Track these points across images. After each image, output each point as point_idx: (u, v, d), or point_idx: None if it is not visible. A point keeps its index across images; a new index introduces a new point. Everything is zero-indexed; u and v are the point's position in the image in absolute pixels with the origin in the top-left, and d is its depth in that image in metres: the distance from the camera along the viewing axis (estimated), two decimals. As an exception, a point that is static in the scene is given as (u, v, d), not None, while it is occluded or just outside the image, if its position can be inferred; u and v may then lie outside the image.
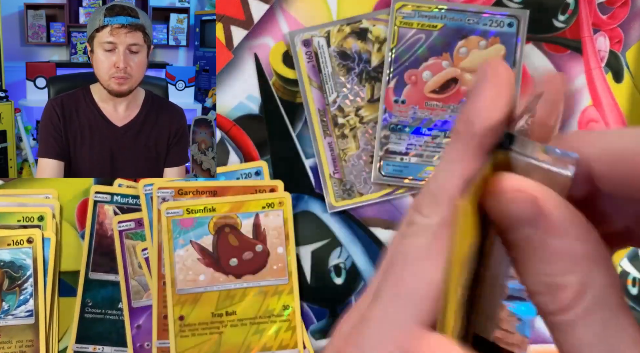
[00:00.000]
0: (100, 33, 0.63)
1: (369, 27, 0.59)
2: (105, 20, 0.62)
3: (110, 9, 0.63)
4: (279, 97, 0.59)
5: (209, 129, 0.69)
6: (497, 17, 0.58)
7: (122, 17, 0.62)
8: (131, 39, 0.63)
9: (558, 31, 0.60)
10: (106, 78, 0.64)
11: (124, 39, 0.63)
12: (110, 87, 0.64)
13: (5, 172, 0.74)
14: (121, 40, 0.63)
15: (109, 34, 0.62)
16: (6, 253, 0.56)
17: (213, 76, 0.95)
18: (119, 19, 0.62)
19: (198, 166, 0.67)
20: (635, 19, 0.60)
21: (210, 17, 0.95)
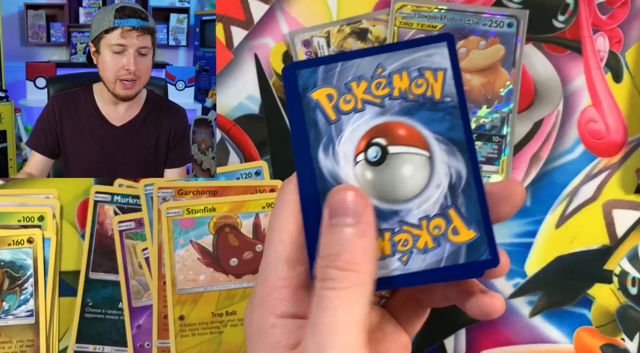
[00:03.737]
0: (109, 34, 0.62)
1: (369, 28, 0.59)
2: (116, 22, 0.61)
3: (120, 10, 0.62)
4: (279, 98, 0.59)
5: (209, 129, 0.69)
6: (496, 17, 0.58)
7: (134, 20, 0.62)
8: (141, 42, 0.62)
9: (558, 31, 0.60)
10: (112, 80, 0.63)
11: (135, 42, 0.62)
12: (115, 90, 0.64)
13: (5, 172, 0.74)
14: (132, 43, 0.62)
15: (120, 36, 0.62)
16: (6, 253, 0.56)
17: (213, 76, 0.95)
18: (131, 21, 0.62)
19: (198, 166, 0.67)
20: (634, 19, 0.60)
21: (210, 17, 0.95)
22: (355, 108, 0.33)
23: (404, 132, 0.32)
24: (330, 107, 0.33)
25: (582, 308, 0.58)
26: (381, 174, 0.32)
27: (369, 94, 0.33)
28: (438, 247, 0.32)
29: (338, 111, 0.33)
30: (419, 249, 0.32)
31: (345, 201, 0.30)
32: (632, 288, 0.58)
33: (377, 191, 0.32)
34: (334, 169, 0.32)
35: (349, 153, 0.32)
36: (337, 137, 0.32)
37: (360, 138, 0.32)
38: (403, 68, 0.33)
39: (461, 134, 0.33)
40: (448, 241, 0.32)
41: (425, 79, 0.33)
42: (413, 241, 0.32)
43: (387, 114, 0.33)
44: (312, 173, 0.32)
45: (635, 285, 0.58)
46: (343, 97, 0.33)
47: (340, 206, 0.30)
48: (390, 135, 0.32)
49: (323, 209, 0.31)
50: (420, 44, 0.33)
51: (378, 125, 0.33)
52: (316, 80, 0.33)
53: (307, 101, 0.33)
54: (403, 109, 0.32)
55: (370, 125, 0.33)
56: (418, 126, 0.33)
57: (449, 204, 0.32)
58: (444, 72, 0.33)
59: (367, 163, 0.32)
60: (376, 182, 0.32)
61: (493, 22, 0.58)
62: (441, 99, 0.32)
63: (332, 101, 0.33)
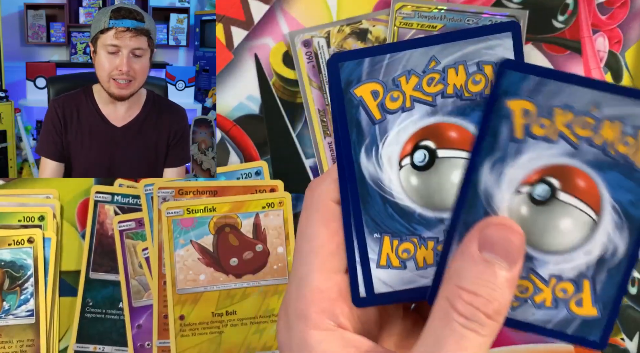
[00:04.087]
0: (104, 35, 0.62)
1: (369, 28, 0.59)
2: (111, 22, 0.62)
3: (116, 11, 0.62)
4: (279, 98, 0.59)
5: (209, 129, 0.69)
6: (496, 17, 0.58)
7: (128, 21, 0.62)
8: (135, 43, 0.62)
9: (557, 32, 0.60)
10: (106, 80, 0.63)
11: (128, 43, 0.62)
12: (110, 90, 0.64)
13: (5, 172, 0.74)
14: (125, 44, 0.62)
15: (114, 37, 0.62)
16: (7, 253, 0.56)
17: (213, 76, 0.95)
18: (125, 22, 0.62)
19: (198, 166, 0.67)
20: (634, 19, 0.60)
21: (210, 17, 0.95)
22: (403, 107, 0.29)
23: (456, 134, 0.29)
24: (375, 105, 0.29)
25: (582, 308, 0.58)
26: (428, 180, 0.30)
27: (419, 91, 0.29)
28: (554, 309, 0.30)
29: (383, 110, 0.29)
30: (535, 303, 0.30)
31: (511, 242, 0.28)
32: (631, 288, 0.58)
33: (423, 200, 0.30)
34: (377, 173, 0.30)
35: (393, 156, 0.30)
36: (381, 139, 0.29)
37: (406, 140, 0.30)
38: (460, 62, 0.29)
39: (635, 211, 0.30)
40: (567, 309, 0.30)
41: (484, 74, 0.29)
42: (532, 293, 0.30)
43: (439, 114, 0.29)
44: (353, 175, 0.30)
45: (635, 285, 0.58)
46: (390, 94, 0.29)
47: (501, 244, 0.28)
48: (440, 138, 0.29)
49: (470, 233, 0.28)
50: (482, 33, 0.29)
51: (427, 126, 0.30)
52: (360, 74, 0.29)
53: (350, 97, 0.29)
54: (457, 108, 0.29)
55: (419, 126, 0.30)
56: (471, 128, 0.29)
57: (588, 275, 0.30)
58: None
59: (412, 168, 0.30)
60: (421, 189, 0.30)
61: (493, 22, 0.58)
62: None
63: (377, 99, 0.29)
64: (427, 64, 0.29)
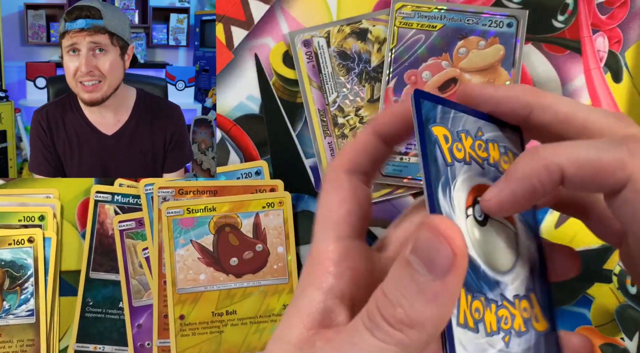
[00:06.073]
0: (63, 39, 0.59)
1: (369, 28, 0.59)
2: (67, 25, 0.58)
3: (69, 12, 0.59)
4: (279, 97, 0.59)
5: (209, 129, 0.69)
6: (496, 17, 0.58)
7: (82, 20, 0.58)
8: (92, 39, 0.58)
9: (557, 31, 0.60)
10: (74, 85, 0.60)
11: (84, 41, 0.58)
12: (80, 95, 0.60)
13: (5, 172, 0.74)
14: (82, 42, 0.58)
15: (70, 38, 0.58)
16: (7, 253, 0.56)
17: (213, 76, 0.95)
18: (78, 22, 0.58)
19: (198, 166, 0.67)
20: (634, 19, 0.60)
21: (210, 17, 0.95)
22: (465, 160, 0.30)
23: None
24: (447, 148, 0.29)
25: (582, 308, 0.58)
26: (485, 236, 0.29)
27: (474, 151, 0.30)
28: (527, 333, 0.29)
29: (452, 156, 0.29)
30: (515, 331, 0.29)
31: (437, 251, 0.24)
32: (631, 287, 0.58)
33: (484, 254, 0.29)
34: (451, 215, 0.28)
35: (461, 202, 0.29)
36: (452, 181, 0.29)
37: (469, 190, 0.30)
38: (495, 140, 0.31)
39: (530, 218, 0.31)
40: (533, 328, 0.29)
41: (509, 158, 0.32)
42: (511, 321, 0.29)
43: (486, 177, 0.30)
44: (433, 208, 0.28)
45: (634, 285, 0.58)
46: (455, 144, 0.30)
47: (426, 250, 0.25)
48: None
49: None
50: (500, 124, 0.32)
51: (484, 184, 0.30)
52: (435, 116, 0.29)
53: (429, 133, 0.29)
54: (497, 178, 0.30)
55: (476, 182, 0.30)
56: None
57: (530, 288, 0.30)
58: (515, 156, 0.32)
59: (475, 220, 0.29)
60: (482, 243, 0.29)
61: (493, 22, 0.58)
62: None
63: (447, 143, 0.29)
64: (476, 131, 0.31)
